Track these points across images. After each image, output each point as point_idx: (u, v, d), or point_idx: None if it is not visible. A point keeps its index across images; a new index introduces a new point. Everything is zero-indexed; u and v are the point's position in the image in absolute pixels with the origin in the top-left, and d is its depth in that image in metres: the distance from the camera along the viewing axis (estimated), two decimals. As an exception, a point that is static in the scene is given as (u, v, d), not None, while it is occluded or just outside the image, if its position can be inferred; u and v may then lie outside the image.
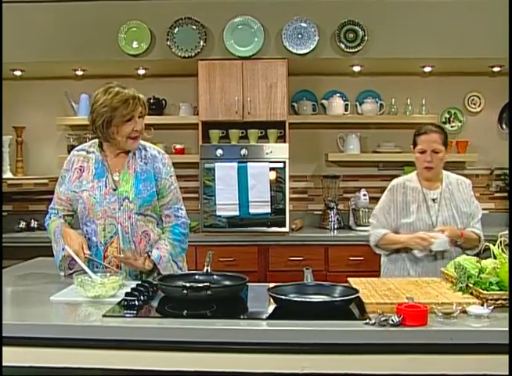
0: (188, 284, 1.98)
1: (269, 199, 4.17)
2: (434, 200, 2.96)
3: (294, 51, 4.15)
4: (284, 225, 4.21)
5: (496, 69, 4.44)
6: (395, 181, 3.09)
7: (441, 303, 1.89)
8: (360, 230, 4.43)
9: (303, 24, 4.14)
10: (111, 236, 2.49)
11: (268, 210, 4.18)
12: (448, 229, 2.82)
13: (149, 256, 2.47)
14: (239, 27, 4.15)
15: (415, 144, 3.01)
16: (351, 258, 4.15)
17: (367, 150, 4.72)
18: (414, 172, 3.10)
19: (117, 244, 2.49)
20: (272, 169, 4.19)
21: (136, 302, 1.98)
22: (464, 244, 2.88)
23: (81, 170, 2.54)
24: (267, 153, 4.20)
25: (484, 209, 4.72)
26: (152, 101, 4.53)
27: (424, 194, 2.98)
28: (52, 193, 2.63)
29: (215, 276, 2.27)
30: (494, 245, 2.27)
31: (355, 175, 4.80)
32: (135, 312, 1.93)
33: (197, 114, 4.46)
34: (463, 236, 2.85)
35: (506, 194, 4.73)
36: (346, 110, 4.62)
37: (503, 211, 4.75)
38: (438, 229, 2.82)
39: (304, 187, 4.83)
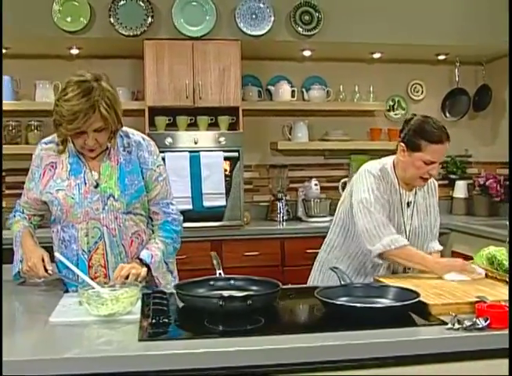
0: (226, 294, 1.68)
1: (224, 191, 3.89)
2: (408, 204, 2.45)
3: (248, 32, 3.87)
4: (239, 219, 3.96)
5: (441, 57, 4.46)
6: (375, 166, 2.44)
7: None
8: (312, 221, 4.26)
9: (257, 4, 3.87)
10: (95, 242, 2.11)
11: (224, 203, 3.89)
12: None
13: (140, 260, 2.12)
14: (191, 3, 3.79)
15: (416, 148, 2.33)
16: (309, 251, 3.95)
17: (314, 138, 4.55)
18: (389, 160, 2.49)
19: (103, 251, 2.11)
20: (226, 159, 3.91)
21: (166, 319, 1.63)
22: None
23: (53, 167, 2.13)
24: (219, 142, 3.90)
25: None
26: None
27: (401, 195, 2.46)
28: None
29: (232, 281, 1.99)
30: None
31: (302, 164, 4.63)
32: (169, 330, 1.59)
33: (136, 100, 4.11)
34: None
35: (447, 182, 4.80)
36: (293, 96, 4.43)
37: (444, 198, 4.80)
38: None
39: (249, 178, 4.58)
